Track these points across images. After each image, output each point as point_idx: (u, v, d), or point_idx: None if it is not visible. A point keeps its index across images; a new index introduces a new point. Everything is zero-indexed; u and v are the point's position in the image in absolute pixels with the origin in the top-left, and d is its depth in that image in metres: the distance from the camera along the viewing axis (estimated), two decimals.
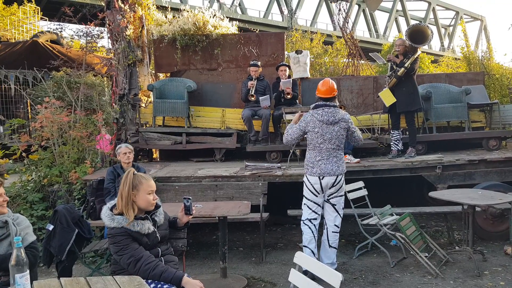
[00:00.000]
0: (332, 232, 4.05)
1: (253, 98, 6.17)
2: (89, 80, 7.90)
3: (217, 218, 3.85)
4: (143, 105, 7.29)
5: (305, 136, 4.08)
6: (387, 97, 5.60)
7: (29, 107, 9.61)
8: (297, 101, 6.58)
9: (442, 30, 41.76)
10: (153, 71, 7.78)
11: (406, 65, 5.37)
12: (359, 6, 35.66)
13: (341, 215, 4.12)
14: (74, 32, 7.13)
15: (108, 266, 4.12)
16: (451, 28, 42.54)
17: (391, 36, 35.00)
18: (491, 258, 4.44)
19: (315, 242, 4.04)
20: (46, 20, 15.81)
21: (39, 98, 7.70)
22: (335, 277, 1.94)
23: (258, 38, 7.12)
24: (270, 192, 4.99)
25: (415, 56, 5.43)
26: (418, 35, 5.42)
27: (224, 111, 6.88)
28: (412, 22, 36.46)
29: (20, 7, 14.98)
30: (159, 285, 2.39)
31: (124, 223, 2.48)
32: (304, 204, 4.10)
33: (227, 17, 7.61)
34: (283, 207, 5.34)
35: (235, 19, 8.42)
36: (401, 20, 38.78)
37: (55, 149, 5.65)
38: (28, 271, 1.82)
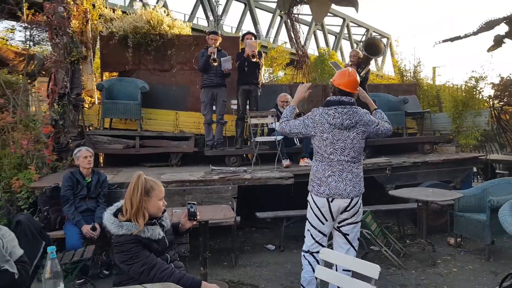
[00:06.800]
0: (343, 270, 2.83)
1: (215, 63, 5.77)
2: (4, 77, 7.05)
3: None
4: (87, 106, 6.76)
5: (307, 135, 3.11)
6: None
7: None
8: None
9: (354, 45, 45.44)
10: (98, 70, 7.26)
11: (361, 74, 5.80)
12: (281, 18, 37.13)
13: (356, 248, 3.19)
14: None
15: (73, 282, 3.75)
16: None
17: (309, 48, 36.99)
18: (439, 248, 4.98)
19: (315, 284, 2.94)
20: None
21: None
22: (372, 269, 2.04)
23: None
24: None
25: (369, 67, 5.90)
26: (372, 47, 5.90)
27: (177, 114, 6.69)
28: (329, 36, 39.17)
29: None
30: None
31: (134, 230, 2.32)
32: (307, 230, 3.20)
33: None
34: (241, 210, 5.36)
35: None
36: (319, 34, 41.30)
37: None
38: (63, 285, 1.61)
